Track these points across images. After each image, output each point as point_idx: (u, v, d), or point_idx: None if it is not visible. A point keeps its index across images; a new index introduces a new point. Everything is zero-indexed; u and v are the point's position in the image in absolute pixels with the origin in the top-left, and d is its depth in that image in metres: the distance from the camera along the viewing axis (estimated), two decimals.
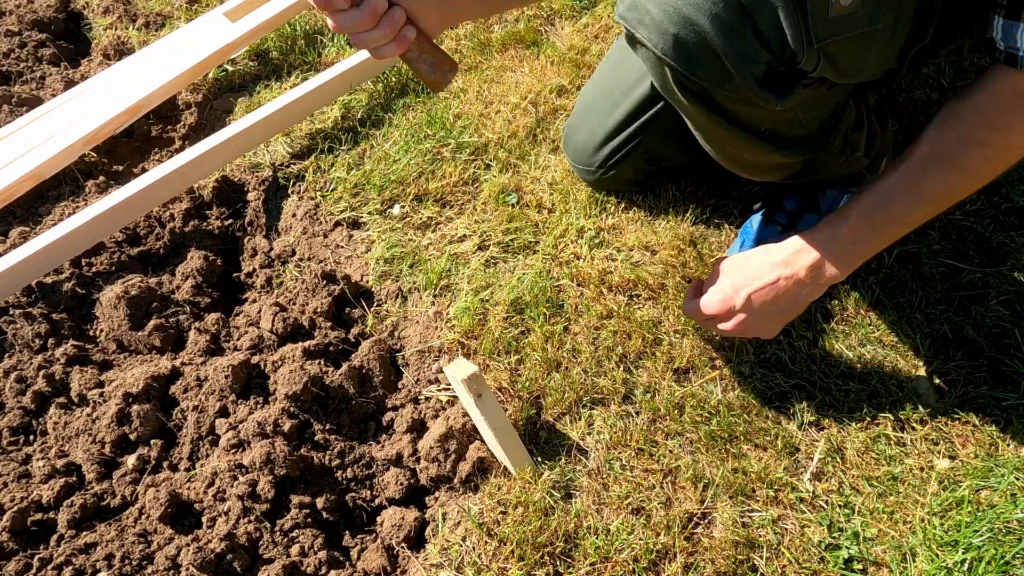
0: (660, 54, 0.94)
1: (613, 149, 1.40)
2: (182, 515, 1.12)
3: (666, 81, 1.01)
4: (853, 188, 1.34)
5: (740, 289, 1.05)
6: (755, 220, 1.36)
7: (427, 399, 1.25)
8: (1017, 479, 1.02)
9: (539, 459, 1.13)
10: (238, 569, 1.06)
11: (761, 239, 1.33)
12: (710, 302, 1.08)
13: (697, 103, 1.03)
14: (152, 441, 1.20)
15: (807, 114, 1.08)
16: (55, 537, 1.11)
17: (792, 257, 1.03)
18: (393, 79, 1.83)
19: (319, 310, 1.37)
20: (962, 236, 1.34)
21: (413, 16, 0.94)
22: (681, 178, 1.50)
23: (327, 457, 1.17)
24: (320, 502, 1.12)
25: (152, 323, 1.36)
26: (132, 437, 1.20)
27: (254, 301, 1.48)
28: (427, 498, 1.15)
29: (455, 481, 1.13)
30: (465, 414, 1.18)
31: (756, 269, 1.06)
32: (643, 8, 0.93)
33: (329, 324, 1.36)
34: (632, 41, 0.99)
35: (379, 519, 1.13)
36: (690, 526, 1.04)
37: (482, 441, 1.16)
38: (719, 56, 0.91)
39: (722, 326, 1.09)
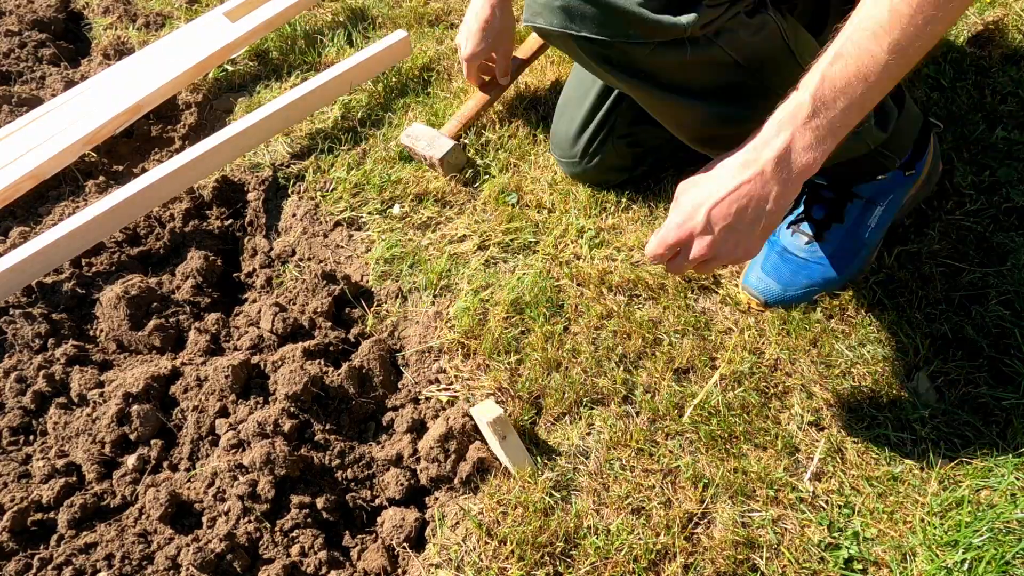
0: (559, 30, 0.98)
1: (591, 135, 1.43)
2: (182, 515, 1.12)
3: (583, 58, 1.03)
4: (885, 182, 1.26)
5: (699, 207, 0.92)
6: (781, 230, 1.34)
7: (427, 399, 1.25)
8: (1017, 479, 1.02)
9: (538, 458, 1.13)
10: (238, 569, 1.06)
11: (787, 250, 1.31)
12: (668, 229, 0.94)
13: (621, 73, 1.02)
14: (152, 441, 1.20)
15: (739, 52, 1.00)
16: (55, 537, 1.11)
17: (752, 155, 0.90)
18: (393, 79, 1.83)
19: (319, 310, 1.37)
20: (962, 236, 1.34)
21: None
22: (669, 160, 1.50)
23: (327, 457, 1.17)
24: (320, 502, 1.12)
25: (152, 323, 1.36)
26: (132, 437, 1.20)
27: (254, 301, 1.48)
28: (427, 498, 1.15)
29: (455, 481, 1.13)
30: (465, 414, 1.18)
31: (714, 181, 0.92)
32: (532, 2, 1.01)
33: (329, 324, 1.36)
34: (544, 36, 1.04)
35: (379, 519, 1.13)
36: (690, 526, 1.04)
37: (482, 440, 1.16)
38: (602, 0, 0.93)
39: (693, 255, 0.93)
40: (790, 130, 0.87)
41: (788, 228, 1.34)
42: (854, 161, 1.21)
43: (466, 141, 1.64)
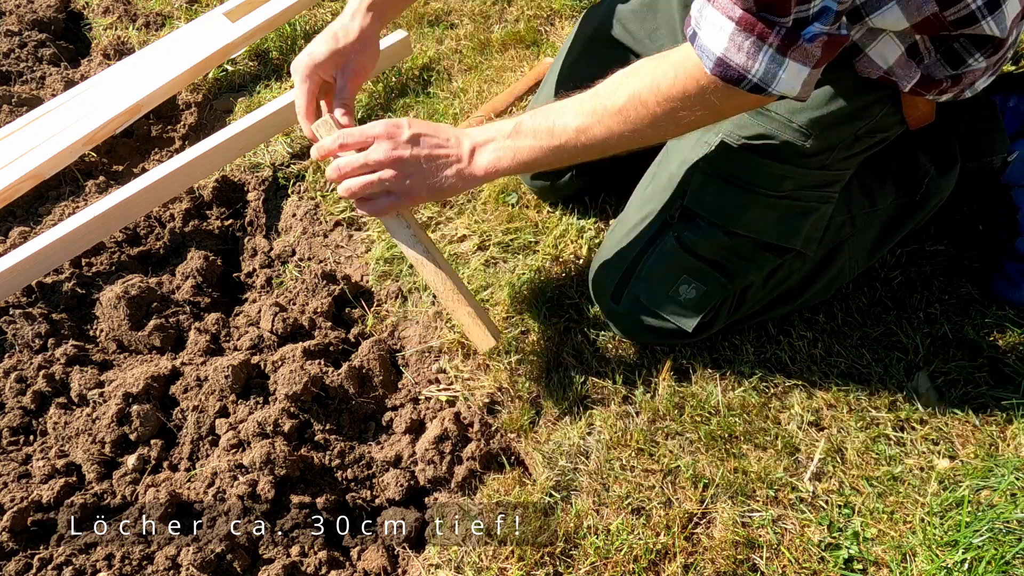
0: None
1: None
2: (182, 515, 1.12)
3: None
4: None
5: (415, 126, 1.04)
6: None
7: (427, 399, 1.25)
8: (1017, 479, 1.02)
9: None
10: (238, 569, 1.06)
11: None
12: (376, 124, 1.05)
13: None
14: (152, 441, 1.20)
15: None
16: (55, 537, 1.11)
17: (464, 136, 1.05)
18: (393, 79, 1.83)
19: (319, 310, 1.37)
20: (962, 236, 1.34)
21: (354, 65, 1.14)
22: (608, 175, 1.44)
23: (327, 457, 1.17)
24: (320, 502, 1.12)
25: (152, 323, 1.36)
26: (132, 437, 1.20)
27: (254, 301, 1.48)
28: (427, 498, 1.15)
29: (452, 484, 1.13)
30: (457, 415, 1.18)
31: (441, 129, 1.06)
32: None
33: (329, 324, 1.36)
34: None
35: (379, 519, 1.13)
36: (690, 526, 1.04)
37: (483, 439, 1.16)
38: None
39: (373, 152, 1.03)
40: (487, 141, 1.04)
41: None
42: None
43: None
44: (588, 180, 1.42)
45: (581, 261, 1.39)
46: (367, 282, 1.45)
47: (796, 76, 0.86)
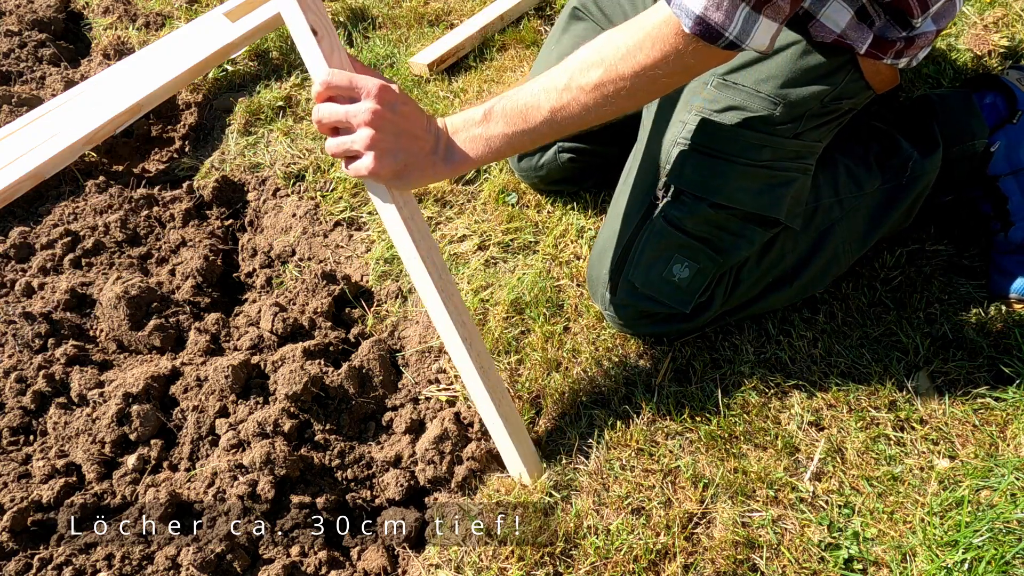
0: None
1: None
2: (182, 515, 1.12)
3: None
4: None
5: (395, 99, 0.98)
6: None
7: (427, 399, 1.25)
8: (1017, 479, 1.02)
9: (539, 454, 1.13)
10: (238, 569, 1.06)
11: None
12: (367, 78, 0.99)
13: None
14: (152, 441, 1.20)
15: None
16: (55, 537, 1.11)
17: (438, 122, 1.04)
18: (393, 79, 1.83)
19: (319, 310, 1.37)
20: (962, 236, 1.34)
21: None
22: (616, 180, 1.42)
23: (327, 457, 1.17)
24: (320, 502, 1.12)
25: (152, 323, 1.36)
26: (132, 437, 1.20)
27: (254, 301, 1.48)
28: (427, 498, 1.15)
29: (452, 484, 1.13)
30: (457, 415, 1.18)
31: (412, 113, 1.00)
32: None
33: (329, 324, 1.36)
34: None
35: (379, 519, 1.13)
36: (690, 526, 1.04)
37: (481, 440, 1.15)
38: None
39: (357, 109, 0.96)
40: (458, 130, 1.03)
41: None
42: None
43: None
44: (572, 160, 1.44)
45: (581, 261, 1.39)
46: (367, 282, 1.45)
47: (766, 32, 0.92)
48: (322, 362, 1.26)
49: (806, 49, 1.11)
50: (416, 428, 1.21)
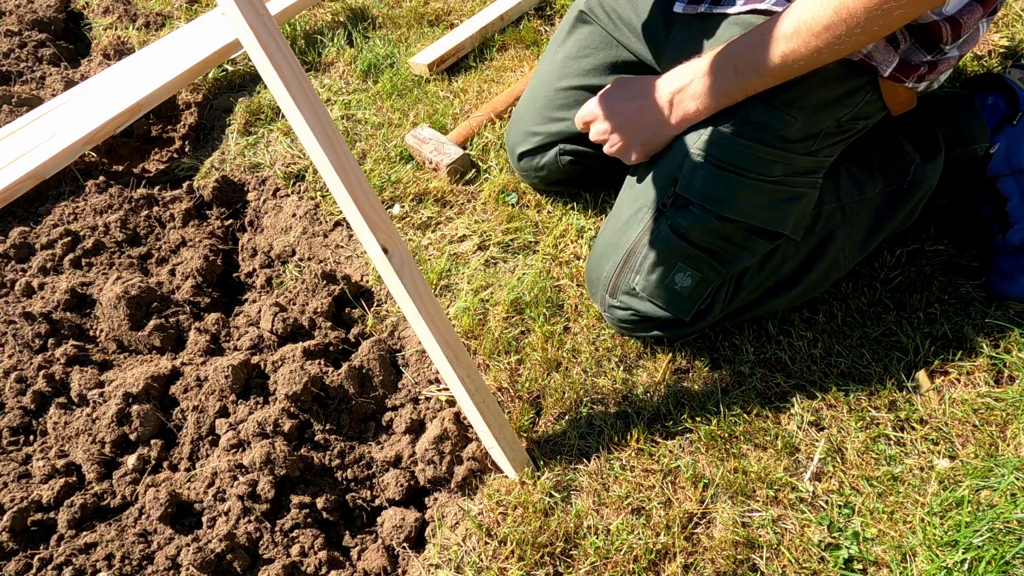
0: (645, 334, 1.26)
1: (536, 144, 1.45)
2: (182, 515, 1.12)
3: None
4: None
5: (613, 101, 1.20)
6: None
7: (427, 399, 1.25)
8: (1017, 479, 1.02)
9: (537, 456, 1.13)
10: (238, 569, 1.06)
11: None
12: (588, 105, 1.25)
13: None
14: (152, 441, 1.20)
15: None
16: (55, 537, 1.11)
17: (660, 87, 1.15)
18: (395, 79, 1.83)
19: (319, 310, 1.37)
20: (962, 236, 1.34)
21: None
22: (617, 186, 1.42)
23: (327, 457, 1.17)
24: (320, 502, 1.12)
25: (152, 323, 1.36)
26: (132, 437, 1.20)
27: (254, 301, 1.48)
28: (427, 498, 1.15)
29: (452, 484, 1.13)
30: (457, 415, 1.18)
31: (634, 88, 1.18)
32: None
33: (329, 324, 1.36)
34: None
35: (379, 519, 1.13)
36: (690, 526, 1.04)
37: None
38: None
39: (594, 128, 1.24)
40: (687, 86, 1.12)
41: None
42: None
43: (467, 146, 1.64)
44: (572, 162, 1.44)
45: (581, 261, 1.39)
46: (367, 282, 1.45)
47: None
48: (322, 362, 1.26)
49: (829, 69, 1.10)
50: (416, 428, 1.21)
